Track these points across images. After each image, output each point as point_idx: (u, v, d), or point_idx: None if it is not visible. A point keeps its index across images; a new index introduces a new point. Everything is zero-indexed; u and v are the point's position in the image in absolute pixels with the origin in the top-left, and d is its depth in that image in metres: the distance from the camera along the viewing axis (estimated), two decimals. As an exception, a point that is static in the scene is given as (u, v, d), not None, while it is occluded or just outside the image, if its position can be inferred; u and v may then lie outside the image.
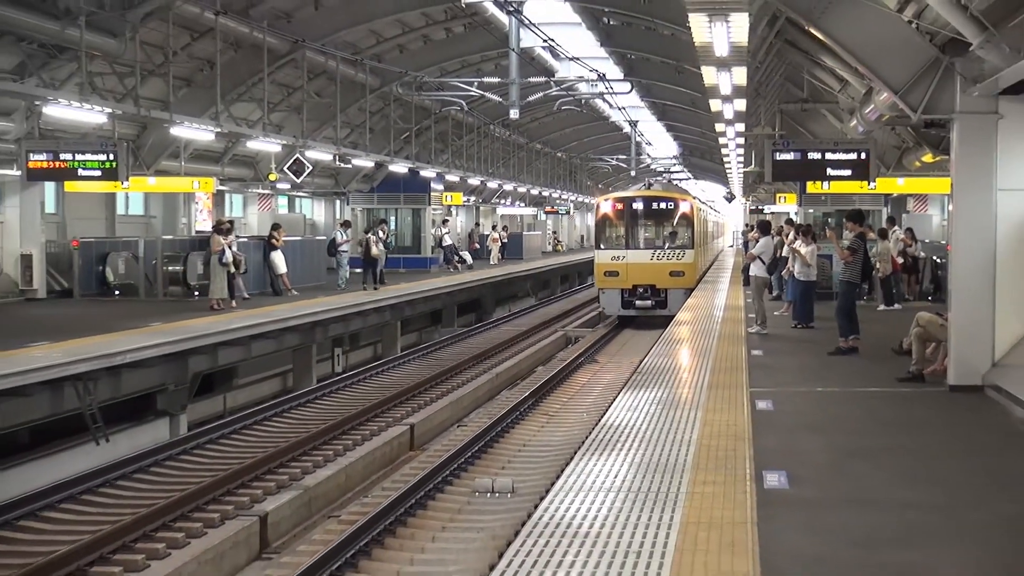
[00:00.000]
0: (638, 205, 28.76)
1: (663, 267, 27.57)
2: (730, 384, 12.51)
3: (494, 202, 53.88)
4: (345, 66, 28.11)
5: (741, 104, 19.02)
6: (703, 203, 43.63)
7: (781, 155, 16.40)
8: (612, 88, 29.18)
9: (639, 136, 48.26)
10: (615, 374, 20.45)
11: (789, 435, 9.88)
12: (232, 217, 32.89)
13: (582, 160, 62.18)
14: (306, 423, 16.77)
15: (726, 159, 40.43)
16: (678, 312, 22.78)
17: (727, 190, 69.12)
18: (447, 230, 39.58)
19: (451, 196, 41.06)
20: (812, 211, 29.79)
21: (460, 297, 31.46)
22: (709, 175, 73.29)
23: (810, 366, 14.30)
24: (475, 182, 43.97)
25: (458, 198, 42.21)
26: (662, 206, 28.98)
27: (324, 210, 43.71)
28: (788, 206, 34.39)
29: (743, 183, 49.31)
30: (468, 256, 40.69)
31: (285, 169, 27.10)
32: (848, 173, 16.37)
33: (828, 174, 16.56)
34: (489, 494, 12.29)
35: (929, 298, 22.75)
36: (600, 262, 28.44)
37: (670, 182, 51.07)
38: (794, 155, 16.37)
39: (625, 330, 28.01)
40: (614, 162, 54.52)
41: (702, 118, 38.95)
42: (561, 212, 62.11)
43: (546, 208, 60.65)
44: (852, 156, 16.21)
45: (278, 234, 25.64)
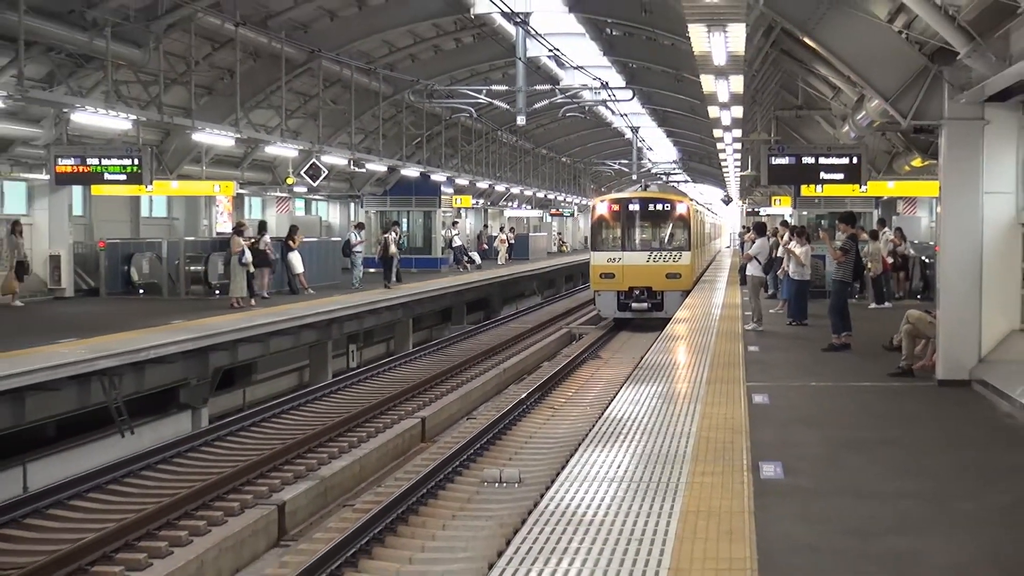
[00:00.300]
0: (634, 207, 27.56)
1: (659, 269, 26.48)
2: (728, 379, 12.50)
3: (502, 205, 53.91)
4: (359, 75, 28.15)
5: (738, 111, 19.01)
6: (700, 205, 43.15)
7: (776, 160, 16.32)
8: (614, 96, 29.12)
9: (640, 141, 48.21)
10: (617, 369, 20.41)
11: (784, 428, 9.87)
12: (254, 219, 32.92)
13: (585, 164, 62.13)
14: (322, 416, 16.78)
15: (724, 163, 40.32)
16: (674, 315, 21.87)
17: (725, 193, 69.09)
18: (457, 231, 39.57)
19: (460, 199, 41.07)
20: (806, 213, 29.68)
21: (469, 296, 31.45)
22: (708, 179, 73.12)
23: (804, 362, 14.28)
24: (483, 185, 43.98)
25: (467, 201, 42.20)
26: (658, 208, 27.74)
27: (339, 212, 43.79)
28: (783, 208, 34.31)
29: (740, 186, 49.19)
30: (477, 256, 40.65)
31: (302, 173, 27.18)
32: (840, 177, 16.28)
33: (821, 178, 16.47)
34: (497, 484, 12.28)
35: (918, 296, 22.70)
36: (596, 264, 27.22)
37: (667, 183, 50.96)
38: (789, 160, 16.29)
39: (626, 328, 27.64)
40: (616, 166, 54.46)
41: (701, 124, 38.85)
42: (565, 215, 62.12)
43: (551, 211, 60.73)
44: (844, 161, 16.13)
45: (296, 236, 25.66)
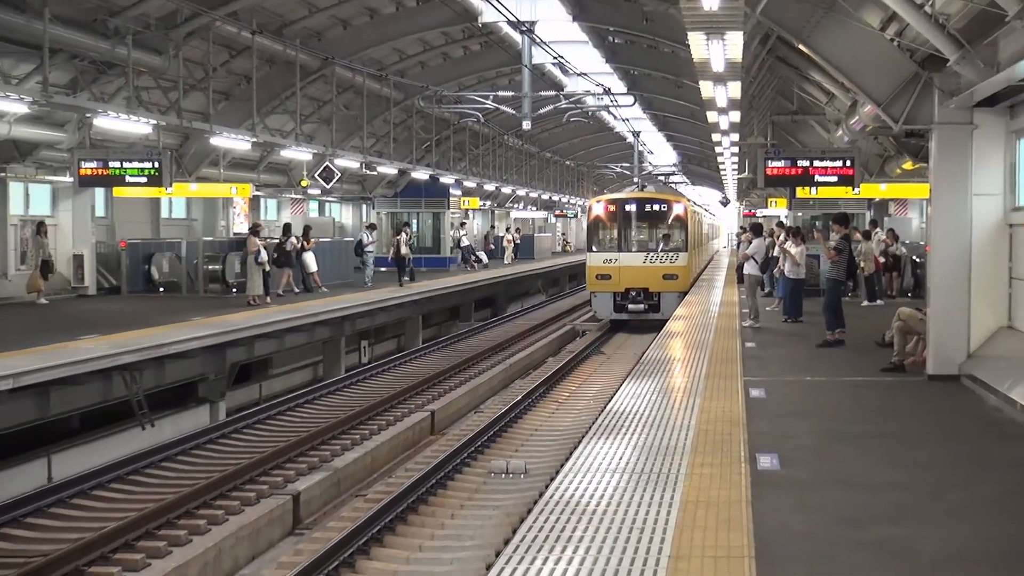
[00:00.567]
0: (631, 207, 26.24)
1: (656, 270, 25.23)
2: (726, 374, 12.49)
3: (508, 206, 53.88)
4: (371, 81, 28.14)
5: (736, 116, 18.98)
6: (698, 205, 42.93)
7: (773, 163, 16.34)
8: (616, 101, 29.15)
9: (641, 145, 48.15)
10: (620, 365, 20.39)
11: (780, 421, 9.86)
12: (269, 220, 32.97)
13: (588, 168, 62.08)
14: (335, 410, 16.79)
15: (722, 166, 40.24)
16: (671, 316, 21.04)
17: (723, 195, 68.92)
18: (465, 232, 39.58)
19: (468, 200, 41.09)
20: (801, 214, 29.73)
21: (477, 294, 31.44)
22: (706, 181, 73.03)
23: (800, 357, 14.27)
24: (490, 188, 43.93)
25: (475, 202, 42.21)
26: (655, 208, 26.53)
27: (351, 213, 43.77)
28: (779, 210, 34.29)
29: (738, 188, 49.11)
30: (484, 256, 40.65)
31: (316, 176, 27.20)
32: (834, 179, 16.29)
33: (816, 180, 16.48)
34: (504, 475, 12.29)
35: (909, 294, 22.62)
36: (592, 265, 25.94)
37: (664, 184, 50.76)
38: (785, 163, 16.30)
39: (627, 327, 26.98)
40: (618, 169, 54.41)
41: (700, 129, 38.79)
42: (569, 216, 62.06)
43: (555, 212, 60.66)
44: (838, 164, 16.14)
45: (309, 236, 25.69)
